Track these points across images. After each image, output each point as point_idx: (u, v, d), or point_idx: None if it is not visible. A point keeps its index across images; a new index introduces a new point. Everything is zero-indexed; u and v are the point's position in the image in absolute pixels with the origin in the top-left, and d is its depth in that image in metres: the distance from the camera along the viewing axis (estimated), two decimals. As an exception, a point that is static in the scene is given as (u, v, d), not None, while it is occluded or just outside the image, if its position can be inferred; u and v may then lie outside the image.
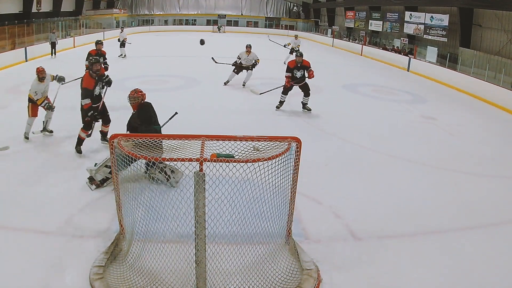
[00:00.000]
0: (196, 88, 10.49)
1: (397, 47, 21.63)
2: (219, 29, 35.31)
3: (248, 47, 10.34)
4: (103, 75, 5.65)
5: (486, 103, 10.97)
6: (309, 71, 8.08)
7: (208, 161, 2.77)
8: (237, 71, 10.40)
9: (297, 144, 3.16)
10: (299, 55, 8.29)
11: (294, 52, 16.64)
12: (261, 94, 9.26)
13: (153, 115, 4.80)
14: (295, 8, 38.92)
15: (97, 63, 5.47)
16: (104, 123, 5.89)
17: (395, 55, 18.85)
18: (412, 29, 20.47)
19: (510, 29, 14.47)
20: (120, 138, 3.10)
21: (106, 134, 5.92)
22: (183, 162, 2.77)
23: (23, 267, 3.19)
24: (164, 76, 11.84)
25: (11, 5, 20.58)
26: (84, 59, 9.29)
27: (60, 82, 6.40)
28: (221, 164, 2.80)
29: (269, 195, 3.19)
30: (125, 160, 3.19)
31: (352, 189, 4.94)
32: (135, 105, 4.76)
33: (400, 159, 6.06)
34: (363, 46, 22.15)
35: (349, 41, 25.81)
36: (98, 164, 4.68)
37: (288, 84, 8.14)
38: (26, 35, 17.82)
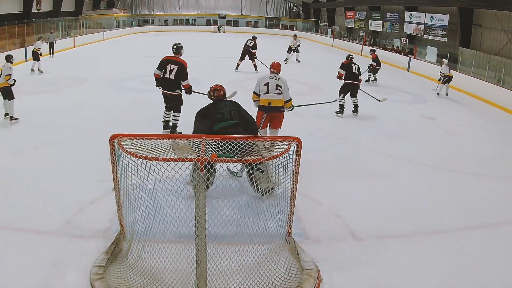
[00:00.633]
0: (196, 88, 10.43)
1: (397, 47, 21.63)
2: (219, 29, 35.32)
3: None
4: None
5: (486, 103, 10.98)
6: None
7: (209, 161, 2.77)
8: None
9: (297, 144, 3.16)
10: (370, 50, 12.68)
11: (292, 51, 16.62)
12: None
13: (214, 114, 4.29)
14: (295, 8, 38.93)
15: None
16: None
17: (395, 55, 18.86)
18: (412, 29, 20.47)
19: (510, 29, 14.47)
20: (120, 138, 3.10)
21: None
22: (183, 162, 2.77)
23: (23, 267, 3.19)
24: (164, 76, 11.81)
25: (11, 5, 20.58)
26: (84, 59, 9.30)
27: None
28: (221, 164, 2.80)
29: (270, 195, 3.20)
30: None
31: (352, 189, 4.94)
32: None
33: (400, 159, 6.06)
34: (363, 46, 22.15)
35: (349, 41, 25.82)
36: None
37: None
38: (26, 35, 17.81)
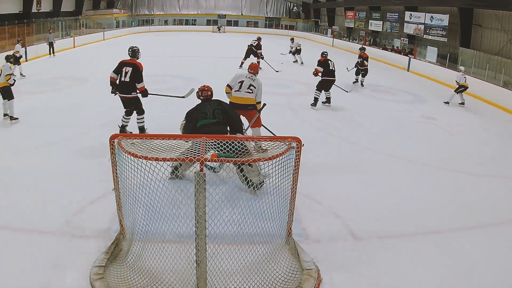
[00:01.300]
0: (196, 88, 10.45)
1: (397, 47, 21.64)
2: (219, 29, 35.32)
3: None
4: None
5: (486, 103, 10.98)
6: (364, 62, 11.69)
7: (209, 161, 2.77)
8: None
9: (297, 144, 3.16)
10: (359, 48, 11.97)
11: (296, 53, 16.57)
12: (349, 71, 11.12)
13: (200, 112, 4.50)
14: (295, 8, 38.93)
15: None
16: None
17: (395, 55, 18.87)
18: (412, 29, 20.48)
19: (510, 29, 14.48)
20: (120, 138, 3.10)
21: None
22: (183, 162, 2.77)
23: (23, 267, 3.19)
24: (164, 76, 11.84)
25: (11, 5, 20.59)
26: (84, 59, 9.30)
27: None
28: (224, 168, 2.80)
29: (269, 195, 3.20)
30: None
31: (352, 189, 4.94)
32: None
33: (400, 159, 6.06)
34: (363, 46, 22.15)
35: (349, 41, 25.81)
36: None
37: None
38: (26, 35, 17.82)
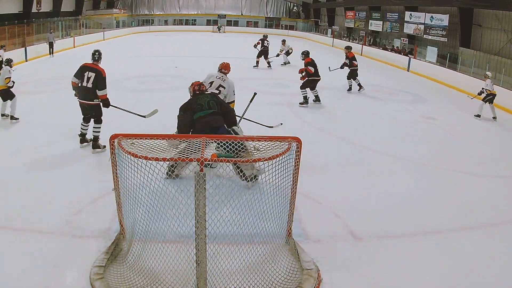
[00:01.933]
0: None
1: (397, 47, 21.63)
2: (219, 29, 35.32)
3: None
4: None
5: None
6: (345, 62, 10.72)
7: (209, 161, 2.77)
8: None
9: (297, 144, 3.16)
10: (345, 47, 11.05)
11: (289, 54, 15.63)
12: (331, 70, 10.81)
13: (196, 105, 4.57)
14: (295, 8, 38.93)
15: None
16: None
17: (395, 55, 18.86)
18: (412, 29, 20.47)
19: (510, 29, 14.47)
20: (120, 138, 3.10)
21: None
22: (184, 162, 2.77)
23: (23, 267, 3.19)
24: (164, 76, 11.84)
25: (11, 5, 20.58)
26: (84, 59, 9.31)
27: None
28: (221, 164, 2.80)
29: (269, 195, 3.20)
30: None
31: (352, 189, 4.94)
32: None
33: (400, 159, 6.06)
34: (363, 46, 22.15)
35: (349, 41, 25.81)
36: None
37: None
38: (26, 35, 17.82)
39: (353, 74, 10.84)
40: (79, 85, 5.45)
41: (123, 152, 3.01)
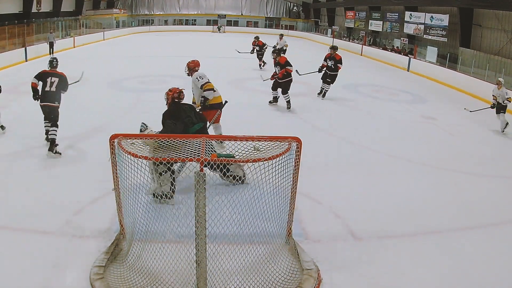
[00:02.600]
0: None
1: (397, 47, 21.63)
2: (219, 29, 35.31)
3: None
4: None
5: (486, 103, 10.95)
6: (337, 65, 9.45)
7: (209, 161, 2.77)
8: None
9: (297, 144, 3.16)
10: (331, 48, 9.70)
11: (285, 52, 15.60)
12: (301, 75, 9.61)
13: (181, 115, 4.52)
14: (295, 8, 38.92)
15: None
16: None
17: (395, 55, 18.86)
18: (412, 29, 20.48)
19: (510, 29, 14.47)
20: (120, 138, 3.10)
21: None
22: (183, 162, 2.77)
23: (23, 267, 3.19)
24: (164, 76, 11.83)
25: (11, 5, 20.59)
26: (84, 59, 9.31)
27: None
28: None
29: (269, 195, 3.19)
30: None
31: (352, 189, 4.94)
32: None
33: (400, 159, 6.06)
34: (363, 46, 22.15)
35: (349, 41, 25.82)
36: (153, 181, 4.16)
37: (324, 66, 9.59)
38: (26, 35, 17.82)
39: (333, 79, 9.59)
40: (44, 89, 5.69)
41: (123, 152, 3.01)
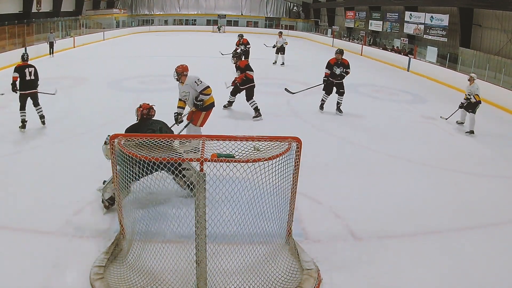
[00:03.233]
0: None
1: (397, 47, 21.63)
2: (219, 29, 35.30)
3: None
4: None
5: (486, 103, 10.95)
6: (347, 71, 8.23)
7: (209, 161, 2.77)
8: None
9: (297, 144, 3.16)
10: (339, 52, 8.26)
11: (279, 52, 15.10)
12: (294, 93, 9.14)
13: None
14: (295, 8, 38.91)
15: None
16: None
17: (395, 55, 18.86)
18: (412, 29, 20.47)
19: (510, 29, 14.47)
20: (120, 138, 3.10)
21: None
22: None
23: (23, 267, 3.19)
24: (164, 76, 11.83)
25: (11, 5, 20.58)
26: (84, 59, 9.31)
27: None
28: (221, 164, 2.80)
29: (269, 195, 3.19)
30: (140, 170, 3.08)
31: (352, 189, 4.94)
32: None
33: (400, 159, 6.06)
34: (363, 46, 22.15)
35: (349, 41, 25.81)
36: (106, 181, 4.22)
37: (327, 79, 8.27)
38: (26, 35, 17.81)
39: (343, 88, 8.42)
40: (24, 79, 6.55)
41: (123, 152, 3.01)
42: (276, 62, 15.31)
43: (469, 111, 7.64)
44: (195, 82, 5.57)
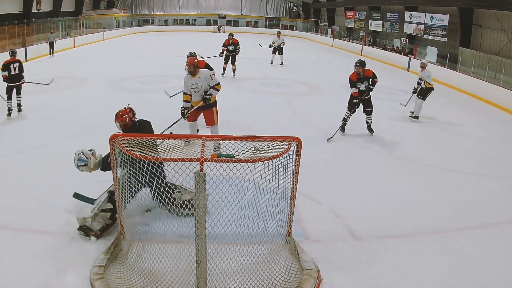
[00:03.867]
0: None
1: (397, 47, 21.63)
2: (219, 29, 35.29)
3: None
4: None
5: (486, 103, 10.96)
6: (374, 81, 6.94)
7: (209, 161, 2.77)
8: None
9: (297, 144, 3.16)
10: (359, 64, 6.77)
11: (277, 51, 14.94)
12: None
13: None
14: (295, 8, 38.91)
15: None
16: None
17: (395, 55, 18.85)
18: (412, 29, 20.47)
19: (510, 29, 14.47)
20: (120, 138, 3.10)
21: None
22: (183, 162, 2.77)
23: (23, 267, 3.19)
24: (164, 76, 11.83)
25: (11, 5, 20.58)
26: (84, 59, 9.32)
27: None
28: (221, 164, 2.80)
29: (269, 195, 3.19)
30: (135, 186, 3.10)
31: (352, 189, 4.94)
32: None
33: (400, 159, 6.06)
34: (363, 46, 22.15)
35: (349, 41, 25.82)
36: (93, 210, 3.74)
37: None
38: (26, 35, 17.82)
39: (371, 104, 7.16)
40: (10, 74, 7.26)
41: (123, 152, 3.01)
42: (272, 62, 15.17)
43: (419, 97, 8.13)
44: (210, 76, 5.65)
